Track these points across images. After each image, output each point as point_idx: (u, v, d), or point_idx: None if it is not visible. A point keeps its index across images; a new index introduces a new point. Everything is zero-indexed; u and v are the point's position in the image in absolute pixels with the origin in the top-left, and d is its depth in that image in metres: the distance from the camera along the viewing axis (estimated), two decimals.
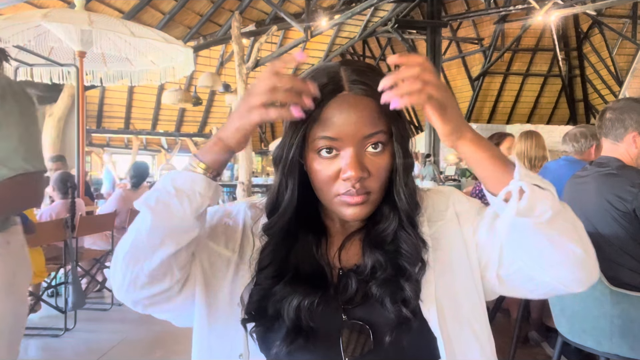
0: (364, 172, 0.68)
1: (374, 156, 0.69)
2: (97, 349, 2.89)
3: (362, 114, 0.68)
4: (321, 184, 0.70)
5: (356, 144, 0.68)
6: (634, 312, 1.63)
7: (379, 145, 0.69)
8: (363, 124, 0.67)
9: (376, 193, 0.71)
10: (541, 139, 3.06)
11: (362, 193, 0.69)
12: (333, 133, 0.68)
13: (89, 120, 11.70)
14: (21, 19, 3.87)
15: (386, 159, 0.70)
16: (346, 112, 0.68)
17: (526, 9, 9.93)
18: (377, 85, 0.66)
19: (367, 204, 0.70)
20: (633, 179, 1.71)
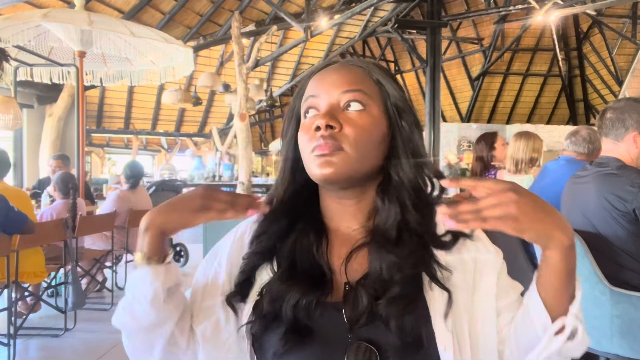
0: (334, 122, 0.65)
1: (351, 114, 0.67)
2: (97, 349, 2.89)
3: (344, 73, 0.69)
4: (302, 146, 0.69)
5: (331, 98, 0.68)
6: (634, 312, 1.63)
7: (357, 104, 0.67)
8: (342, 81, 0.68)
9: (350, 150, 0.65)
10: (532, 141, 2.99)
11: (330, 144, 0.65)
12: (313, 91, 0.69)
13: (89, 120, 11.69)
14: (21, 19, 3.87)
15: (366, 120, 0.67)
16: (328, 74, 0.70)
17: (526, 9, 9.92)
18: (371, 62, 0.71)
19: (336, 158, 0.65)
20: (633, 178, 1.71)
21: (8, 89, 5.05)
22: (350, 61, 0.72)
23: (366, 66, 0.71)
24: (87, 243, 3.95)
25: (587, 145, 2.57)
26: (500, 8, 11.05)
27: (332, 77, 0.69)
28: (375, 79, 0.70)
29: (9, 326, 2.71)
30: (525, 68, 14.64)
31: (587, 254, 1.71)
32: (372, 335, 0.64)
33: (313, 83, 0.71)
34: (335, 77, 0.69)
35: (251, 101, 8.33)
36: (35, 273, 3.05)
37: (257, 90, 9.20)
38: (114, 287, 4.06)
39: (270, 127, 15.76)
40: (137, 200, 4.27)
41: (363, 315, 0.64)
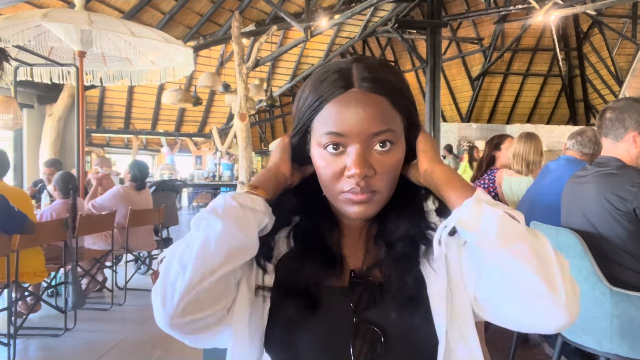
0: (369, 170, 0.66)
1: (382, 155, 0.67)
2: (97, 349, 2.90)
3: (370, 111, 0.66)
4: (326, 180, 0.70)
5: (362, 141, 0.66)
6: (634, 312, 1.63)
7: (387, 143, 0.67)
8: (370, 121, 0.66)
9: (382, 193, 0.69)
10: (540, 144, 3.05)
11: (366, 191, 0.67)
12: (339, 129, 0.66)
13: (89, 120, 11.69)
14: (21, 19, 3.87)
15: (395, 158, 0.69)
16: (354, 108, 0.66)
17: (526, 9, 9.93)
18: (390, 83, 0.68)
19: (371, 203, 0.68)
20: (633, 178, 1.71)
21: (8, 89, 5.04)
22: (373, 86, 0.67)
23: (392, 95, 0.68)
24: (87, 243, 3.94)
25: (592, 146, 2.58)
26: (500, 8, 11.05)
27: (360, 117, 0.66)
28: (399, 109, 0.69)
29: (9, 326, 2.71)
30: (525, 68, 14.65)
31: (587, 254, 1.71)
32: (375, 318, 0.68)
33: (334, 116, 0.67)
34: (363, 116, 0.66)
35: (251, 101, 8.34)
36: (35, 273, 3.05)
37: (257, 90, 9.21)
38: (114, 287, 4.06)
39: (270, 127, 15.77)
40: (140, 200, 4.27)
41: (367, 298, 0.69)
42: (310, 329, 0.68)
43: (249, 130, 7.08)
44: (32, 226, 2.74)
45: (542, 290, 0.59)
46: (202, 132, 13.78)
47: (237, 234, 0.63)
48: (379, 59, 0.74)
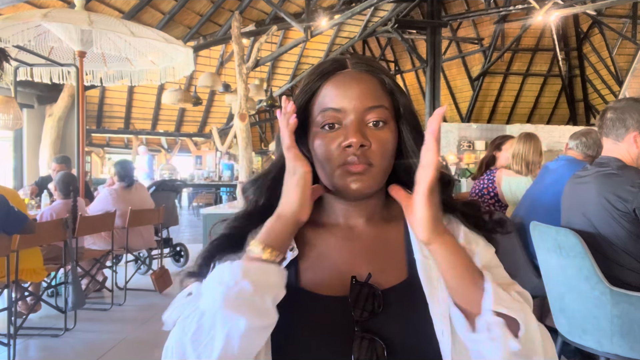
0: (365, 140, 0.68)
1: (376, 130, 0.70)
2: (97, 349, 2.89)
3: (364, 87, 0.70)
4: (324, 158, 0.70)
5: (358, 114, 0.69)
6: (634, 312, 1.62)
7: (380, 122, 0.70)
8: (365, 96, 0.69)
9: (378, 166, 0.69)
10: (539, 144, 3.06)
11: (363, 162, 0.68)
12: (335, 104, 0.70)
13: (89, 120, 11.69)
14: (21, 19, 3.87)
15: (388, 135, 0.70)
16: (348, 84, 0.70)
17: (526, 9, 9.92)
18: (382, 69, 0.73)
19: (368, 175, 0.69)
20: (633, 178, 1.71)
21: (8, 89, 5.05)
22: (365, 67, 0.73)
23: (382, 77, 0.73)
24: (87, 243, 3.94)
25: (597, 148, 2.57)
26: (500, 8, 11.05)
27: (354, 91, 0.70)
28: (389, 91, 0.73)
29: (9, 326, 2.71)
30: (525, 68, 14.65)
31: (587, 254, 1.71)
32: (377, 328, 0.65)
33: (331, 93, 0.71)
34: (357, 91, 0.70)
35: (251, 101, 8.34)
36: (35, 270, 3.05)
37: (257, 90, 9.21)
38: (114, 287, 4.06)
39: (270, 127, 15.77)
40: (134, 198, 4.25)
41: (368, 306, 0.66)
42: (310, 339, 0.66)
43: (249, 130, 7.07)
44: (32, 226, 2.75)
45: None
46: (202, 132, 13.79)
47: (258, 326, 0.59)
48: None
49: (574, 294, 1.78)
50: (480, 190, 3.30)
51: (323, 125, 0.70)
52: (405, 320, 0.66)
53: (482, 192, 3.29)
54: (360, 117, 0.69)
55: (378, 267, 0.70)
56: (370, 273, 0.69)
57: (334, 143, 0.69)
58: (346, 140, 0.68)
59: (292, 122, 0.66)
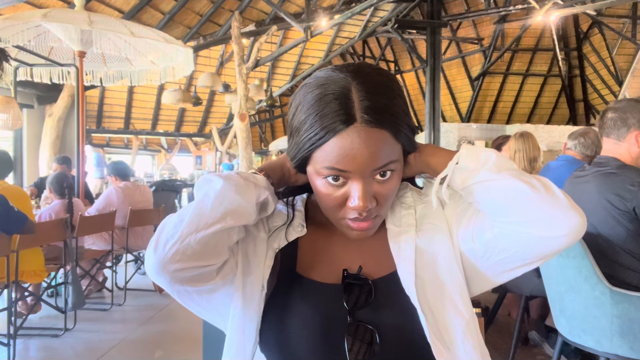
0: (372, 203, 0.68)
1: (383, 184, 0.69)
2: (97, 349, 2.90)
3: (374, 149, 0.65)
4: (327, 207, 0.72)
5: (365, 177, 0.67)
6: (634, 312, 1.63)
7: (388, 173, 0.68)
8: (373, 158, 0.66)
9: (383, 214, 0.73)
10: (536, 140, 3.09)
11: (369, 219, 0.70)
12: (342, 166, 0.66)
13: (88, 120, 11.68)
14: (21, 19, 3.86)
15: (395, 181, 0.71)
16: (357, 147, 0.65)
17: (526, 9, 9.92)
18: (391, 112, 0.66)
19: (372, 227, 0.72)
20: (633, 178, 1.71)
21: (8, 89, 5.04)
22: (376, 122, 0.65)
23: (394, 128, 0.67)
24: (87, 243, 3.94)
25: (595, 148, 2.58)
26: (500, 8, 11.05)
27: (363, 153, 0.65)
28: (402, 140, 0.69)
29: (9, 326, 2.71)
30: (525, 68, 14.65)
31: (587, 254, 1.71)
32: (369, 316, 0.68)
33: (337, 152, 0.65)
34: (365, 155, 0.65)
35: (251, 101, 8.34)
36: (35, 272, 3.05)
37: (257, 90, 9.21)
38: (114, 287, 4.05)
39: (270, 127, 15.76)
40: (139, 198, 4.27)
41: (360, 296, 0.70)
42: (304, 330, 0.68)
43: (249, 130, 7.07)
44: (32, 226, 2.75)
45: (546, 197, 0.64)
46: (202, 132, 13.78)
47: (235, 196, 0.67)
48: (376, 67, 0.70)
49: (574, 294, 1.78)
50: None
51: (327, 177, 0.68)
52: (393, 308, 0.69)
53: None
54: (367, 178, 0.68)
55: (370, 260, 0.74)
56: (361, 266, 0.72)
57: (338, 196, 0.69)
58: (352, 202, 0.68)
59: None
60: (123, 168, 4.41)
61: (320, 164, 0.68)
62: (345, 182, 0.68)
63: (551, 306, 1.98)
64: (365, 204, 0.67)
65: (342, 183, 0.68)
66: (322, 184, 0.70)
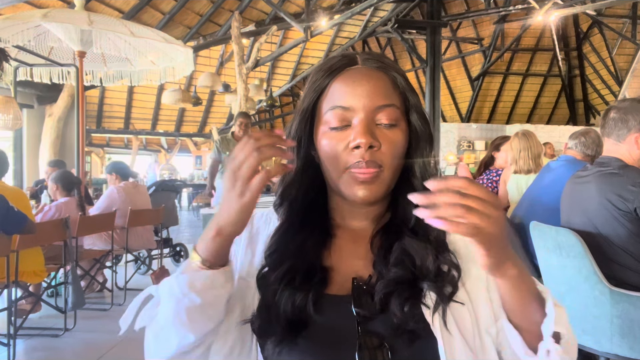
0: (374, 141, 0.65)
1: (387, 130, 0.67)
2: (97, 349, 2.89)
3: (374, 84, 0.67)
4: (330, 158, 0.68)
5: (368, 113, 0.66)
6: (634, 312, 1.62)
7: (392, 120, 0.67)
8: (375, 94, 0.66)
9: (388, 169, 0.67)
10: (537, 137, 3.11)
11: (372, 166, 0.65)
12: (344, 102, 0.67)
13: (88, 120, 11.68)
14: (21, 19, 3.87)
15: (399, 135, 0.68)
16: (358, 82, 0.67)
17: (526, 9, 9.92)
18: (392, 66, 0.70)
19: (377, 181, 0.66)
20: (634, 178, 1.71)
21: (8, 89, 5.05)
22: (376, 64, 0.69)
23: (393, 75, 0.70)
24: (86, 244, 3.94)
25: (595, 147, 2.58)
26: (500, 8, 11.06)
27: (364, 88, 0.66)
28: (402, 90, 0.70)
29: (9, 326, 2.71)
30: (525, 68, 14.65)
31: (587, 254, 1.71)
32: (379, 328, 0.64)
33: (340, 90, 0.68)
34: (367, 89, 0.66)
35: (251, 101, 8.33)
36: (35, 272, 3.05)
37: (257, 90, 9.21)
38: (114, 287, 4.05)
39: (270, 127, 15.77)
40: (140, 198, 4.27)
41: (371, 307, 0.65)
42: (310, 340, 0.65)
43: None
44: (32, 226, 2.74)
45: None
46: (202, 132, 13.78)
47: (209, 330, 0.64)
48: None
49: (574, 293, 1.78)
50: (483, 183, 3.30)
51: (331, 124, 0.67)
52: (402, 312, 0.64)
53: None
54: (370, 116, 0.66)
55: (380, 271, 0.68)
56: (371, 275, 0.68)
57: (341, 143, 0.67)
58: (354, 140, 0.65)
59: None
60: (123, 168, 4.42)
61: (325, 108, 0.68)
62: (348, 126, 0.67)
63: None
64: (367, 139, 0.64)
65: (345, 127, 0.67)
66: (327, 135, 0.68)
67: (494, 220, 0.52)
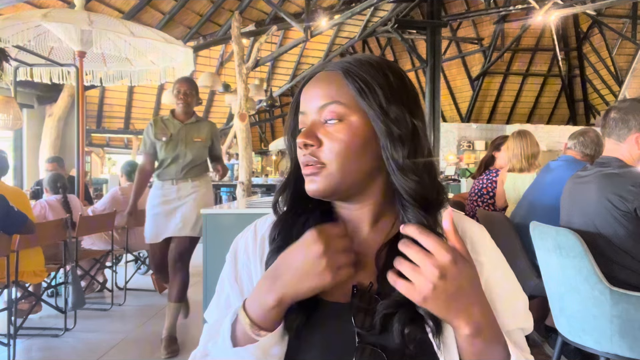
0: (311, 140, 0.66)
1: (331, 127, 0.67)
2: (97, 349, 2.89)
3: (320, 85, 0.69)
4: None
5: (314, 114, 0.68)
6: (634, 312, 1.62)
7: (334, 119, 0.67)
8: (320, 95, 0.68)
9: (332, 165, 0.66)
10: (533, 137, 3.10)
11: (312, 163, 0.67)
12: (301, 107, 0.71)
13: (88, 120, 11.68)
14: (21, 19, 3.87)
15: (344, 131, 0.66)
16: (311, 86, 0.70)
17: (526, 9, 9.92)
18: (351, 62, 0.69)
19: (319, 176, 0.67)
20: (634, 178, 1.71)
21: (8, 89, 5.05)
22: (330, 65, 0.71)
23: (345, 69, 0.68)
24: (86, 244, 3.94)
25: (594, 147, 2.58)
26: (500, 8, 11.05)
27: (311, 92, 0.70)
28: (356, 82, 0.67)
29: (9, 326, 2.71)
30: (525, 68, 14.66)
31: (587, 254, 1.71)
32: (378, 339, 0.63)
33: (302, 97, 0.72)
34: (313, 92, 0.69)
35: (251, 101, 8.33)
36: (35, 272, 3.05)
37: (257, 90, 9.20)
38: (114, 287, 4.05)
39: (270, 127, 15.76)
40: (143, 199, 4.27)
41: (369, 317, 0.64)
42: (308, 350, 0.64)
43: (249, 131, 7.07)
44: (32, 226, 2.74)
45: None
46: None
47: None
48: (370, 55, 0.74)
49: (574, 293, 1.78)
50: (479, 190, 3.31)
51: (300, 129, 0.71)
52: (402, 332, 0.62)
53: (482, 191, 3.29)
54: (316, 117, 0.68)
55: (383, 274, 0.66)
56: (372, 282, 0.67)
57: (300, 147, 0.69)
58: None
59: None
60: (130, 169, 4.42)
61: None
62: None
63: (551, 306, 1.98)
64: (302, 138, 0.67)
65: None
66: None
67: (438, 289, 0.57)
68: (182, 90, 3.16)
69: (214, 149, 3.15)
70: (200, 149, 3.01)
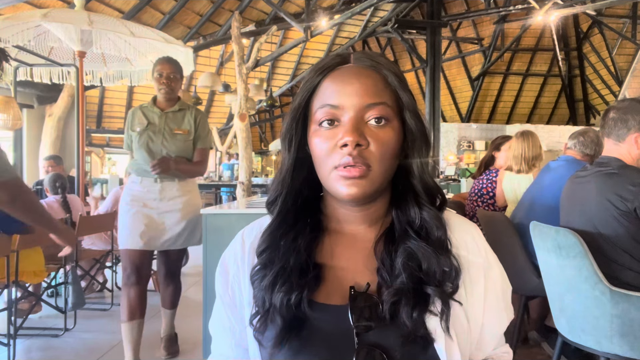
0: (362, 139, 0.64)
1: (377, 129, 0.65)
2: (97, 349, 2.89)
3: (364, 82, 0.66)
4: (320, 156, 0.67)
5: (357, 112, 0.65)
6: (634, 312, 1.62)
7: (382, 119, 0.66)
8: (365, 93, 0.66)
9: (377, 168, 0.65)
10: (537, 139, 3.08)
11: (359, 163, 0.64)
12: (334, 101, 0.66)
13: (88, 120, 11.68)
14: (21, 19, 3.86)
15: (390, 134, 0.66)
16: (348, 80, 0.67)
17: (526, 9, 9.93)
18: (385, 64, 0.69)
19: (365, 180, 0.65)
20: (634, 178, 1.71)
21: (8, 89, 5.05)
22: (368, 63, 0.69)
23: (385, 73, 0.68)
24: (86, 244, 3.94)
25: (594, 147, 2.58)
26: (500, 8, 11.06)
27: (354, 87, 0.66)
28: (393, 88, 0.68)
29: (9, 326, 2.71)
30: (525, 68, 14.66)
31: (587, 254, 1.71)
32: (378, 339, 0.63)
33: (330, 88, 0.67)
34: (357, 87, 0.66)
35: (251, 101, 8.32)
36: (35, 272, 3.05)
37: (257, 90, 9.20)
38: (114, 287, 4.05)
39: (270, 127, 15.77)
40: None
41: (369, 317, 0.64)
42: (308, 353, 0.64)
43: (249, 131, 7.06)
44: (32, 226, 2.74)
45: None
46: None
47: None
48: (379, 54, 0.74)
49: (574, 294, 1.78)
50: (479, 190, 3.31)
51: (321, 122, 0.67)
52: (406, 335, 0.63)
53: (482, 191, 3.29)
54: (359, 114, 0.65)
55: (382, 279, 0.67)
56: (369, 283, 0.66)
57: (330, 142, 0.66)
58: (342, 139, 0.64)
59: None
60: None
61: (316, 107, 0.68)
62: (339, 124, 0.66)
63: (551, 306, 1.98)
64: (354, 137, 0.63)
65: (335, 126, 0.66)
66: (317, 134, 0.67)
67: None
68: (164, 74, 2.64)
69: (198, 139, 2.64)
70: (182, 144, 2.57)
